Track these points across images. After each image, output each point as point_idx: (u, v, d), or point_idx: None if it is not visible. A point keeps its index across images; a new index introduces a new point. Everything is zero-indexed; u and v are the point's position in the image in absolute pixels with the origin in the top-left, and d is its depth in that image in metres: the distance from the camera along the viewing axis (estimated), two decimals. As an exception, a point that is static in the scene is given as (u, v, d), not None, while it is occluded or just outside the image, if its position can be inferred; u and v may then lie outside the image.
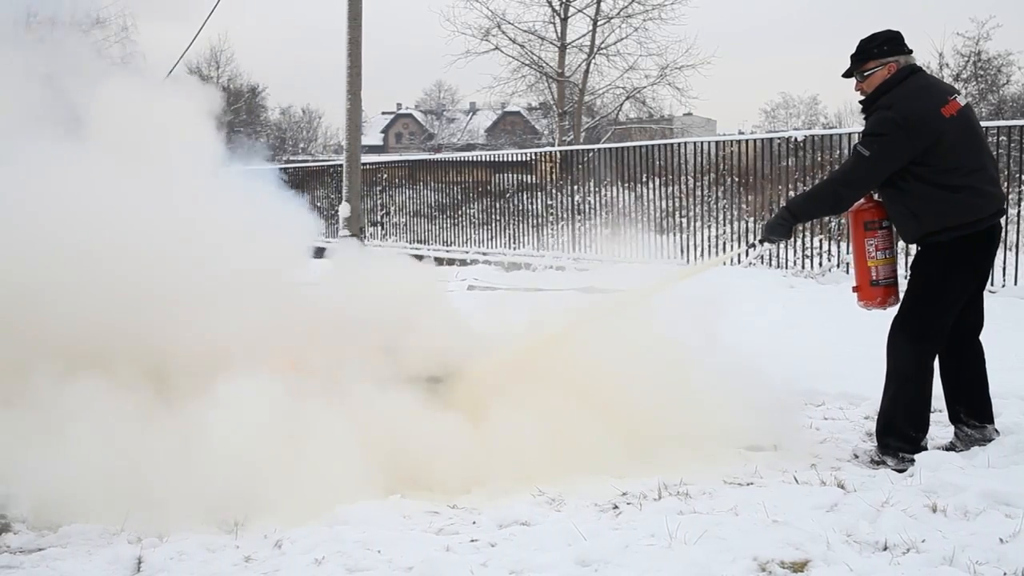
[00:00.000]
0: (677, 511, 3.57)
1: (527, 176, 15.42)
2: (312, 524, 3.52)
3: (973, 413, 4.29)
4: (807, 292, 9.67)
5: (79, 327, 4.32)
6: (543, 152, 15.65)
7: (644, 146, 13.45)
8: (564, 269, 13.23)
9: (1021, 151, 9.69)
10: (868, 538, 3.24)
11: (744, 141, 12.46)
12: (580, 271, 12.79)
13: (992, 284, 8.51)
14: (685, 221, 12.37)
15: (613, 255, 13.04)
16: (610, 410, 4.44)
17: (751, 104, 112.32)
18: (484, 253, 14.91)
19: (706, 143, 12.71)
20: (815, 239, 10.77)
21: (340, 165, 18.58)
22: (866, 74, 4.24)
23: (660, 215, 12.70)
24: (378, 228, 17.46)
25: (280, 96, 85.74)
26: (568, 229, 14.01)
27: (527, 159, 16.12)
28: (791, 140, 11.29)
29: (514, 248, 14.71)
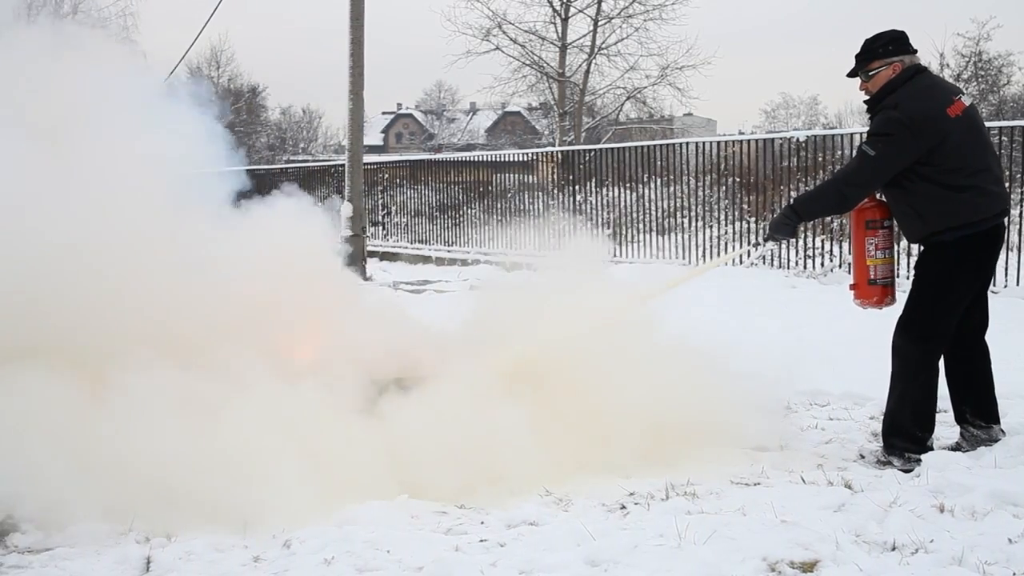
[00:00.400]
0: (685, 511, 3.57)
1: (528, 176, 15.41)
2: (321, 524, 3.51)
3: (979, 413, 4.29)
4: (809, 292, 9.66)
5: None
6: (544, 152, 15.64)
7: (645, 146, 13.44)
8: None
9: (1022, 151, 9.69)
10: (876, 538, 3.24)
11: (746, 141, 12.45)
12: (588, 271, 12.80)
13: (994, 285, 8.51)
14: (686, 221, 12.37)
15: (615, 255, 13.04)
16: (614, 410, 4.44)
17: (751, 104, 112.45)
18: (485, 253, 14.91)
19: (708, 143, 12.70)
20: (817, 239, 10.77)
21: (341, 165, 18.59)
22: (871, 74, 4.23)
23: (662, 215, 12.70)
24: (379, 228, 17.45)
25: (280, 96, 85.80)
26: (569, 229, 13.99)
27: (528, 159, 16.11)
28: (793, 140, 11.29)
29: (514, 248, 14.70)
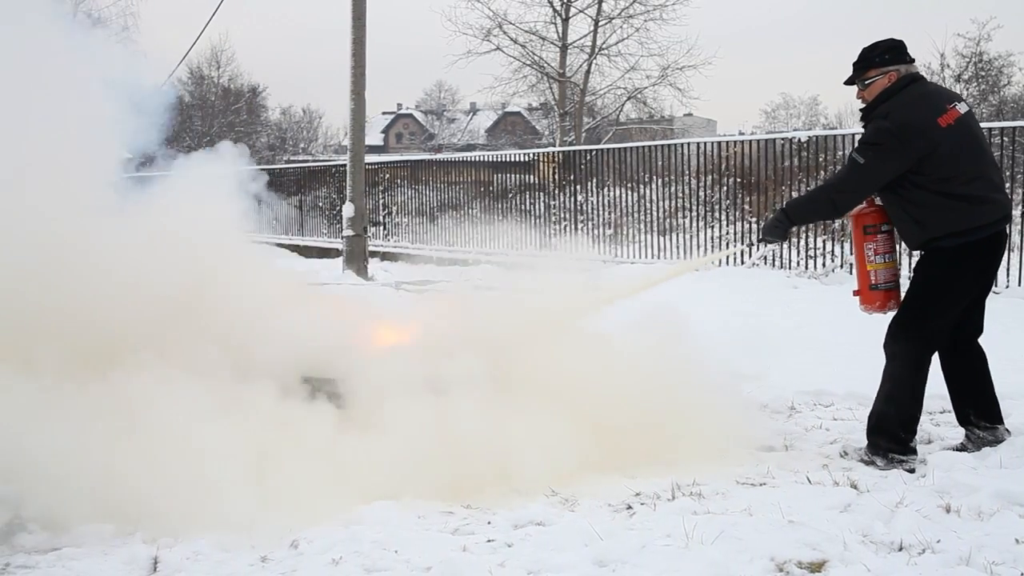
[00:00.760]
0: (691, 511, 3.57)
1: (529, 176, 15.41)
2: (328, 524, 3.51)
3: (982, 415, 4.29)
4: (811, 292, 9.65)
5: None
6: (545, 152, 15.64)
7: (646, 146, 13.44)
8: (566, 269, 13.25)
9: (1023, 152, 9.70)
10: (884, 538, 3.25)
11: (748, 142, 12.45)
12: (581, 271, 12.82)
13: (996, 285, 8.51)
14: (687, 222, 12.37)
15: (615, 255, 13.05)
16: (618, 410, 4.44)
17: (751, 105, 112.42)
18: (486, 253, 14.90)
19: (709, 143, 12.70)
20: (818, 240, 10.78)
21: (342, 165, 18.58)
22: (867, 82, 4.25)
23: (662, 216, 12.70)
24: (380, 228, 17.44)
25: (281, 96, 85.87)
26: (570, 229, 14.01)
27: (529, 159, 16.10)
28: (795, 141, 11.29)
29: (515, 248, 14.70)
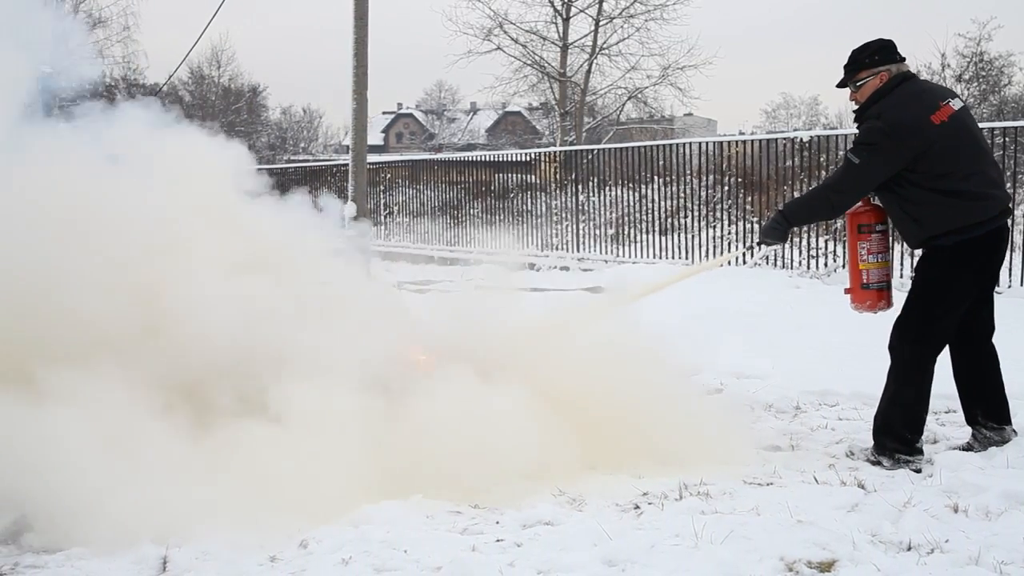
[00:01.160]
0: (699, 511, 3.57)
1: (529, 176, 15.41)
2: (336, 524, 3.51)
3: (990, 415, 4.29)
4: (813, 292, 9.68)
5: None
6: (545, 152, 15.64)
7: (647, 146, 13.45)
8: (568, 269, 13.27)
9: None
10: (892, 538, 3.25)
11: (750, 141, 12.46)
12: (584, 271, 12.85)
13: (998, 285, 8.50)
14: (689, 221, 12.38)
15: (617, 255, 13.06)
16: (623, 410, 4.45)
17: (752, 104, 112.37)
18: (488, 253, 14.91)
19: (710, 143, 12.71)
20: (820, 240, 10.79)
21: (342, 165, 18.59)
22: (859, 84, 4.26)
23: (664, 215, 12.71)
24: (381, 228, 17.44)
25: (281, 96, 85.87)
26: (572, 229, 14.02)
27: (529, 159, 16.10)
28: (797, 140, 11.30)
29: (518, 248, 14.71)
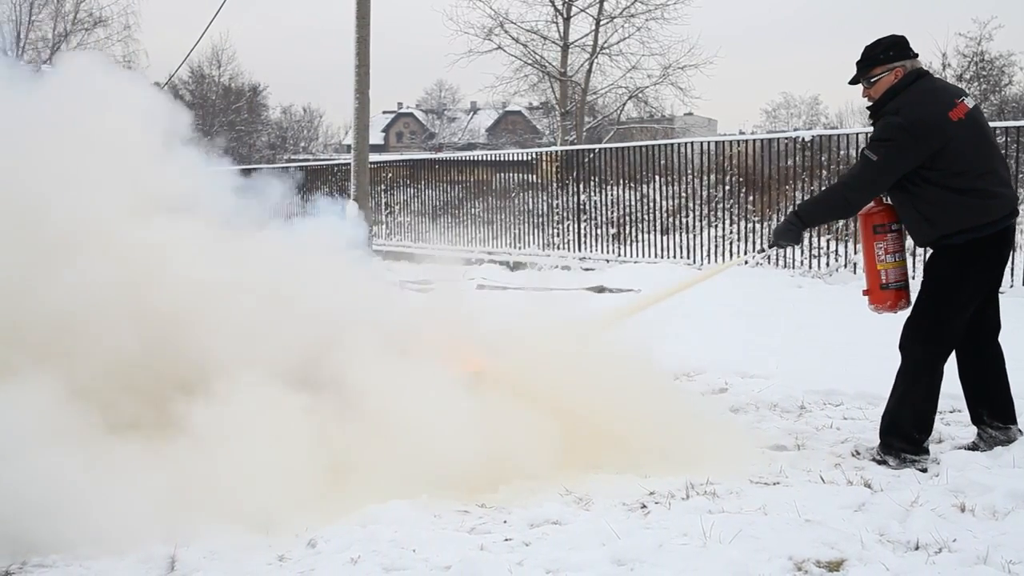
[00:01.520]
0: (706, 510, 3.57)
1: (530, 176, 15.41)
2: (344, 523, 3.52)
3: (996, 415, 4.29)
4: (816, 292, 9.67)
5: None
6: (546, 152, 15.64)
7: (648, 146, 13.45)
8: (570, 268, 13.27)
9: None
10: (900, 537, 3.25)
11: (751, 141, 12.46)
12: (586, 271, 12.85)
13: (1001, 285, 8.51)
14: (690, 221, 12.38)
15: (618, 255, 13.06)
16: (627, 409, 4.45)
17: (752, 104, 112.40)
18: (489, 252, 14.91)
19: (711, 143, 12.71)
20: (822, 239, 10.79)
21: (343, 164, 18.58)
22: (873, 80, 4.24)
23: (665, 215, 12.71)
24: (382, 227, 17.43)
25: (281, 95, 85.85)
26: (573, 229, 14.02)
27: (530, 159, 16.10)
28: (799, 140, 11.30)
29: (518, 248, 14.71)
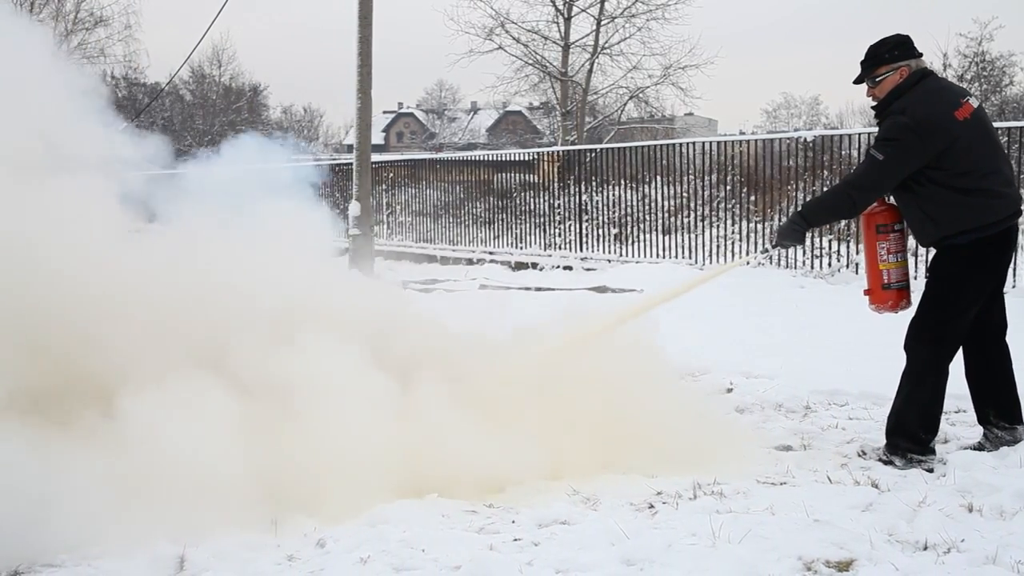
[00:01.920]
0: (714, 510, 3.58)
1: (531, 176, 15.41)
2: (353, 523, 3.52)
3: (1002, 415, 4.30)
4: (818, 292, 9.68)
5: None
6: (547, 152, 15.64)
7: (649, 146, 13.45)
8: (572, 269, 13.27)
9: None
10: (908, 537, 3.26)
11: (752, 141, 12.46)
12: (587, 271, 12.85)
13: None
14: (692, 221, 12.38)
15: (620, 255, 13.06)
16: (633, 409, 4.45)
17: (752, 104, 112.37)
18: (490, 252, 14.92)
19: (713, 143, 12.71)
20: (824, 239, 10.79)
21: (344, 164, 18.58)
22: (878, 79, 4.24)
23: (666, 215, 12.72)
24: (383, 227, 17.43)
25: (282, 95, 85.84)
26: (574, 229, 14.02)
27: (531, 159, 16.10)
28: (801, 140, 11.31)
29: (520, 248, 14.72)
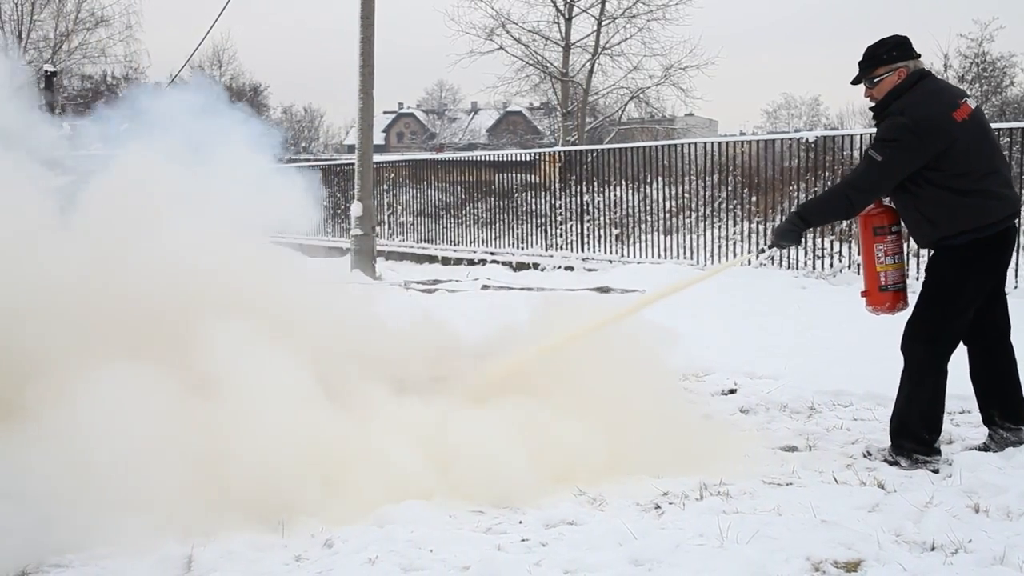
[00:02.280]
0: (721, 511, 3.58)
1: (532, 176, 15.40)
2: (361, 523, 3.52)
3: (1007, 415, 4.30)
4: (820, 293, 9.67)
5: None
6: (548, 152, 15.64)
7: (650, 146, 13.44)
8: (573, 269, 13.28)
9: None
10: (916, 538, 3.27)
11: (752, 142, 12.46)
12: (589, 271, 12.86)
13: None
14: (693, 221, 12.39)
15: (621, 255, 13.07)
16: (638, 410, 4.46)
17: (753, 104, 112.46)
18: (491, 253, 14.92)
19: (713, 143, 12.71)
20: (826, 240, 10.80)
21: (344, 164, 18.59)
22: (876, 80, 4.24)
23: (667, 215, 12.72)
24: (384, 227, 17.43)
25: (282, 95, 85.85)
26: (576, 229, 14.03)
27: (532, 159, 16.10)
28: (802, 141, 11.31)
29: (521, 248, 14.72)
